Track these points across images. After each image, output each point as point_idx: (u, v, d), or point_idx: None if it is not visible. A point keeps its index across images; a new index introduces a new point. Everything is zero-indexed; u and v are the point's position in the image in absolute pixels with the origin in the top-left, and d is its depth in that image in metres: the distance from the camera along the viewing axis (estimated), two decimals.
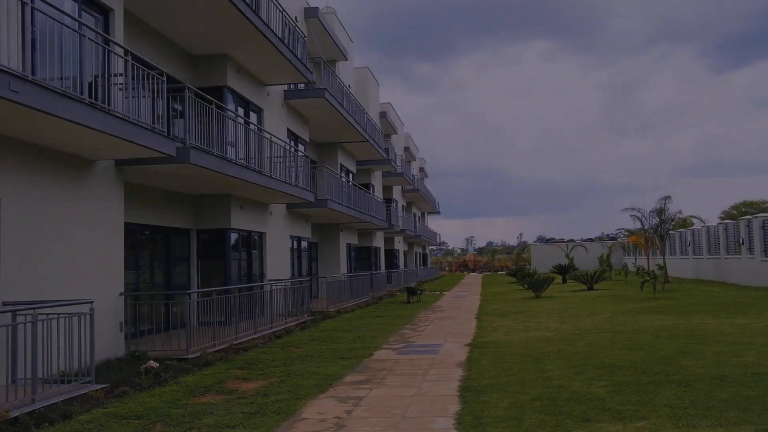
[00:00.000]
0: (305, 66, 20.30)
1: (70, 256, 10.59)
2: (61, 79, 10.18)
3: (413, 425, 6.96)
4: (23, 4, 8.81)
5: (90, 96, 10.31)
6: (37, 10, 9.14)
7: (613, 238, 64.95)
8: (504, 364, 10.56)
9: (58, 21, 9.34)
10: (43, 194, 10.04)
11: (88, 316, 9.04)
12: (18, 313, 8.47)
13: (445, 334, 15.18)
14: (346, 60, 31.48)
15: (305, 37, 22.21)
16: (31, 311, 8.29)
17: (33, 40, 9.69)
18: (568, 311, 19.71)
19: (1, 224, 9.16)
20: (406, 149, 57.35)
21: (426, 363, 11.10)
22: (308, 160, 23.62)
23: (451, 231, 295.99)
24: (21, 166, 9.58)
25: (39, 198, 9.95)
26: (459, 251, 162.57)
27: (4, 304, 9.02)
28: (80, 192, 10.98)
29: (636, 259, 50.94)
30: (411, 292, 28.14)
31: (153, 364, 10.38)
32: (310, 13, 25.44)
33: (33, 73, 9.40)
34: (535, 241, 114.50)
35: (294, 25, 20.83)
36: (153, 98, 12.16)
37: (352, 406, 7.96)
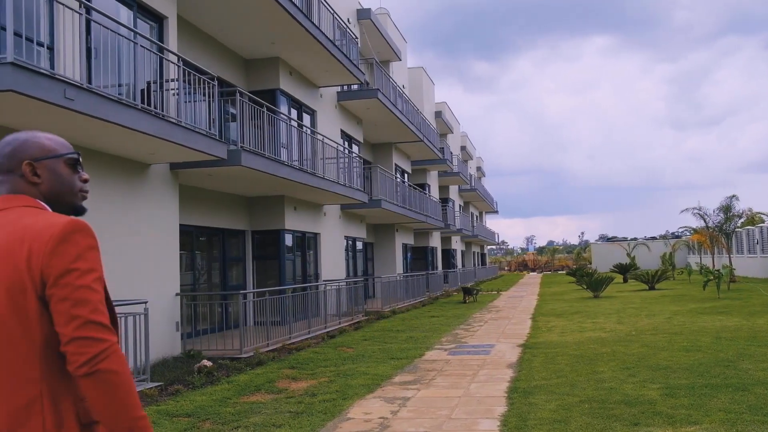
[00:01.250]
0: (357, 67, 20.41)
1: (127, 257, 10.91)
2: (118, 86, 10.53)
3: (457, 426, 6.92)
4: (80, 15, 9.11)
5: (144, 102, 10.61)
6: (94, 21, 9.46)
7: (677, 237, 63.25)
8: (556, 365, 10.40)
9: (113, 31, 9.66)
10: (101, 198, 10.37)
11: (142, 316, 9.29)
12: None
13: (499, 335, 15.05)
14: (400, 60, 31.50)
15: (357, 38, 22.33)
16: None
17: (90, 49, 10.04)
18: (626, 311, 19.28)
19: None
20: (463, 148, 57.03)
21: (476, 364, 11.02)
22: (362, 160, 23.74)
23: (511, 230, 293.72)
24: None
25: (96, 201, 10.27)
26: (519, 251, 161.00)
27: None
28: (136, 195, 11.30)
29: (701, 258, 49.50)
30: (467, 291, 27.98)
31: (206, 363, 10.60)
32: (363, 14, 25.57)
33: (90, 81, 9.74)
34: (596, 240, 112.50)
35: (346, 26, 20.96)
36: (209, 102, 12.42)
37: (398, 406, 7.97)
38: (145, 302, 9.41)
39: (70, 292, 1.80)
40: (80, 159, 2.11)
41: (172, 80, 11.49)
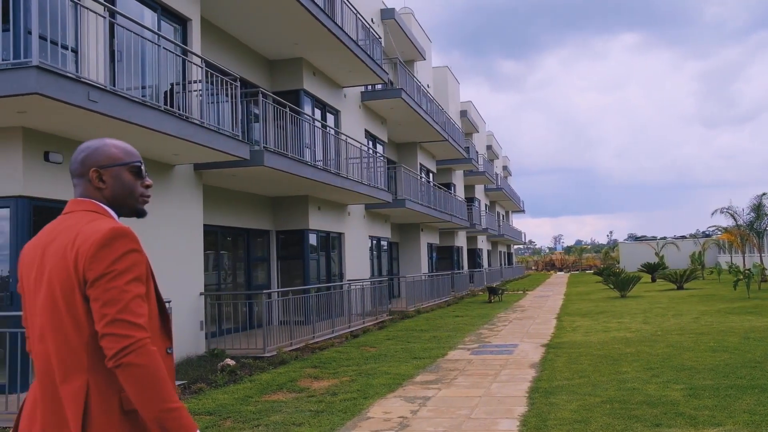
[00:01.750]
0: (381, 67, 20.43)
1: (151, 257, 10.96)
2: (142, 87, 10.66)
3: (476, 426, 6.90)
4: (104, 19, 9.23)
5: (168, 103, 10.73)
6: (119, 25, 9.59)
7: (708, 236, 62.35)
8: (578, 365, 10.32)
9: (137, 34, 9.79)
10: None
11: None
12: None
13: (523, 334, 14.97)
14: (424, 59, 31.47)
15: (380, 38, 22.35)
16: None
17: (114, 52, 10.19)
18: (653, 311, 19.07)
19: None
20: (489, 148, 56.83)
21: (499, 363, 10.98)
22: (386, 160, 23.75)
23: (538, 230, 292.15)
24: None
25: None
26: (546, 250, 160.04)
27: None
28: (161, 195, 11.43)
29: (731, 257, 48.75)
30: (492, 291, 27.87)
31: (230, 362, 10.69)
32: (387, 14, 25.58)
33: (114, 84, 9.87)
34: (625, 239, 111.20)
35: (369, 26, 20.99)
36: (232, 103, 12.52)
37: (418, 406, 7.97)
38: (168, 301, 9.50)
39: (101, 292, 2.02)
40: (143, 166, 2.36)
41: (196, 82, 11.60)
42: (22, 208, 8.70)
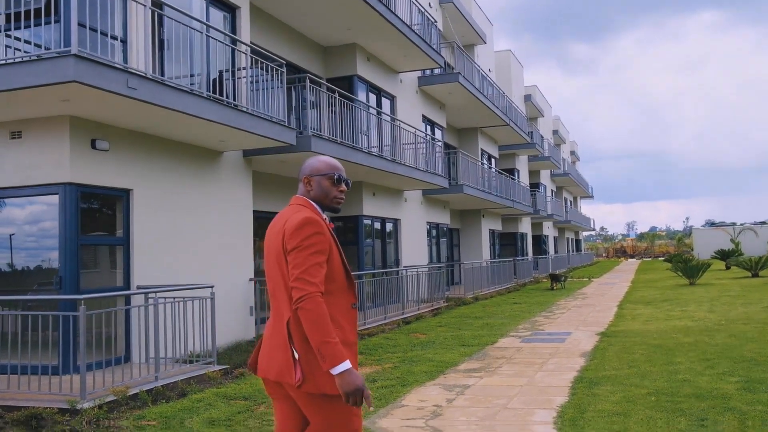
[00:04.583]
0: (437, 52, 20.14)
1: (200, 243, 11.16)
2: (191, 76, 10.75)
3: (510, 416, 6.69)
4: (144, 8, 9.33)
5: (217, 91, 10.80)
6: (167, 16, 9.69)
7: None
8: (631, 354, 9.93)
9: (185, 25, 9.88)
10: (173, 185, 10.64)
11: (209, 300, 9.48)
12: (149, 296, 9.00)
13: (579, 322, 14.56)
14: (485, 43, 30.92)
15: (435, 22, 22.01)
16: (153, 294, 8.81)
17: (162, 41, 10.31)
18: (721, 300, 18.27)
19: (133, 213, 9.82)
20: (555, 132, 55.67)
21: (548, 352, 10.69)
22: (443, 145, 23.45)
23: (610, 216, 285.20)
24: (151, 159, 10.20)
25: (169, 188, 10.56)
26: (619, 237, 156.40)
27: (139, 287, 9.67)
28: (209, 182, 11.54)
29: None
30: (554, 278, 27.29)
31: None
32: None
33: (162, 72, 9.99)
34: (702, 225, 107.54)
35: (424, 10, 20.71)
36: (285, 90, 12.50)
37: (456, 394, 7.80)
38: (212, 287, 9.59)
39: (294, 258, 3.01)
40: (339, 176, 3.30)
41: (242, 68, 11.63)
42: (70, 195, 8.89)
